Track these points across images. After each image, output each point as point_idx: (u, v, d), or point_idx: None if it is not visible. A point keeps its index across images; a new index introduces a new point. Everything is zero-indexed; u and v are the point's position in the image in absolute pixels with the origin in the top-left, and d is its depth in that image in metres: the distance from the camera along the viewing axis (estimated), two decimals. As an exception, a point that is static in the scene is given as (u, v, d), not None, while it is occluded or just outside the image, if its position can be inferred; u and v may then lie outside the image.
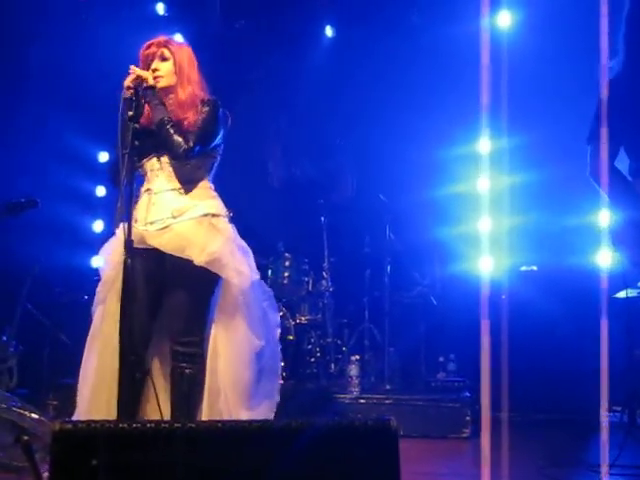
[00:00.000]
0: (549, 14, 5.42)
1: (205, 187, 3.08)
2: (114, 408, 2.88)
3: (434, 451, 4.20)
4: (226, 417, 2.86)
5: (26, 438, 2.19)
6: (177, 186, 3.01)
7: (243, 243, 3.08)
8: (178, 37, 5.99)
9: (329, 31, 6.58)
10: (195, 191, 3.03)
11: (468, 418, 4.48)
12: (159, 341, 3.06)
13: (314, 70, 6.31)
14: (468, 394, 4.70)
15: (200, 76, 3.12)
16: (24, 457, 2.21)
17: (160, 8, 6.44)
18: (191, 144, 2.92)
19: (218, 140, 3.09)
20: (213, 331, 2.99)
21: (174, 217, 2.96)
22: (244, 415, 2.89)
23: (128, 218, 2.75)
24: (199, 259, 2.89)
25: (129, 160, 2.71)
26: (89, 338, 3.01)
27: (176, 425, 1.96)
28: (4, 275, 5.33)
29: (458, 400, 4.60)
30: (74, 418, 2.92)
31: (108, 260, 3.02)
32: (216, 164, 3.14)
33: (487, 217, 5.45)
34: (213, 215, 3.01)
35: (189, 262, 2.90)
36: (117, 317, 2.93)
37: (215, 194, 3.12)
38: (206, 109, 3.01)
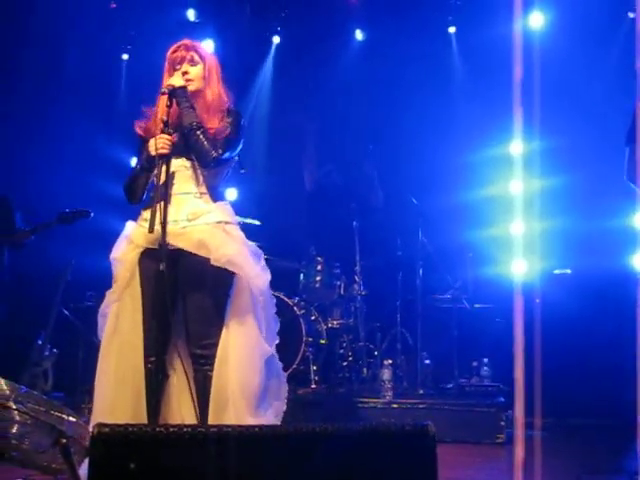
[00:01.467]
0: (581, 14, 5.36)
1: (219, 194, 3.11)
2: (135, 408, 2.90)
3: (468, 457, 4.15)
4: (233, 423, 2.84)
5: (64, 441, 2.22)
6: (194, 190, 3.02)
7: (255, 248, 3.08)
8: (208, 43, 6.05)
9: (359, 34, 6.58)
10: (210, 197, 3.05)
11: (503, 423, 4.42)
12: (174, 343, 3.06)
13: (344, 74, 6.32)
14: (502, 399, 4.65)
15: (224, 84, 3.16)
16: (62, 459, 2.23)
17: (191, 14, 6.48)
18: (220, 152, 2.96)
19: (238, 150, 3.14)
20: (223, 334, 2.97)
21: (189, 220, 2.97)
22: (250, 421, 2.86)
23: (163, 223, 2.77)
24: (217, 258, 2.89)
25: (166, 165, 2.74)
26: (104, 338, 3.00)
27: (212, 429, 1.96)
28: (38, 280, 5.41)
29: (492, 405, 4.55)
30: (92, 417, 2.90)
31: (121, 260, 3.02)
32: (230, 172, 3.17)
33: (520, 220, 5.37)
34: (226, 222, 3.03)
35: (206, 263, 2.90)
36: (133, 317, 2.96)
37: (227, 201, 3.15)
38: (231, 119, 3.05)
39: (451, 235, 5.62)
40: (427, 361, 5.19)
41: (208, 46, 6.02)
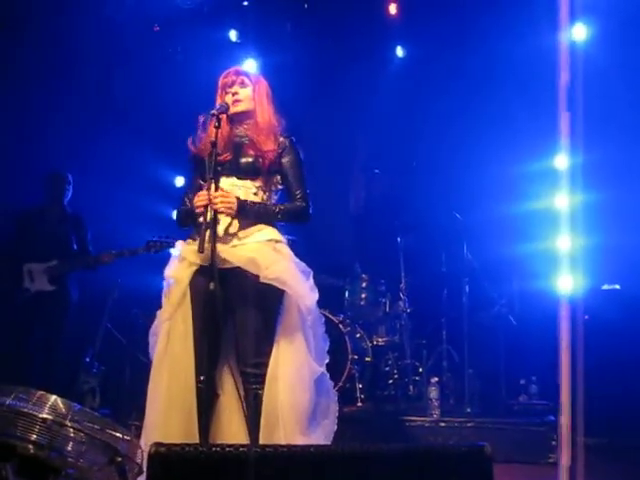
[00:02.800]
0: (625, 26, 5.29)
1: None
2: (186, 427, 2.92)
3: (519, 477, 4.07)
4: (283, 442, 2.83)
5: (120, 459, 2.23)
6: None
7: (304, 266, 3.11)
8: (250, 63, 6.12)
9: (400, 51, 6.59)
10: None
11: (554, 443, 4.32)
12: (224, 361, 3.07)
13: (385, 91, 6.32)
14: (553, 418, 4.55)
15: (276, 109, 3.22)
16: (117, 478, 2.25)
17: (232, 35, 6.56)
18: (304, 203, 3.12)
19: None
20: (273, 353, 2.99)
21: (240, 239, 3.01)
22: (300, 441, 2.86)
23: (212, 244, 2.80)
24: (267, 276, 2.92)
25: (215, 185, 2.79)
26: (156, 357, 3.03)
27: (267, 449, 1.96)
28: (86, 298, 5.48)
29: (543, 424, 4.46)
30: (142, 437, 2.92)
31: (174, 277, 3.05)
32: (279, 192, 3.23)
33: (566, 234, 5.29)
34: (276, 241, 3.07)
35: (256, 281, 2.92)
36: (185, 335, 2.98)
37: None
38: (291, 157, 3.13)
39: (496, 250, 5.56)
40: (473, 379, 5.11)
41: (250, 65, 6.09)
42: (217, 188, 2.89)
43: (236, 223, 3.01)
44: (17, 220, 5.22)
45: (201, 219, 2.89)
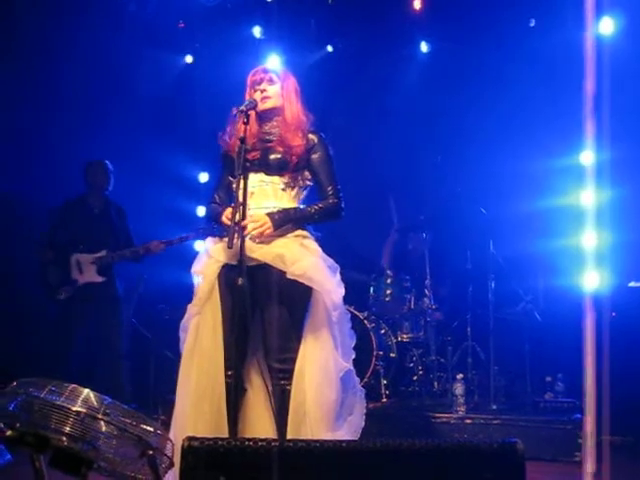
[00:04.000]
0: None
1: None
2: (216, 421, 2.94)
3: (545, 475, 4.04)
4: (310, 437, 2.84)
5: (151, 452, 2.25)
6: (272, 205, 3.07)
7: (332, 262, 3.11)
8: (274, 59, 6.13)
9: (424, 47, 6.56)
10: None
11: (580, 441, 4.29)
12: (252, 357, 3.09)
13: (410, 86, 6.30)
14: (579, 415, 4.52)
15: (305, 107, 3.23)
16: (149, 471, 2.27)
17: (257, 31, 6.57)
18: (336, 199, 3.13)
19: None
20: (300, 348, 3.00)
21: (267, 235, 3.01)
22: (327, 436, 2.88)
23: (241, 239, 2.81)
24: (294, 272, 2.93)
25: (244, 181, 2.80)
26: (185, 351, 3.06)
27: (300, 444, 1.97)
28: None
29: (569, 422, 4.42)
30: (173, 430, 2.98)
31: (201, 273, 3.08)
32: (309, 187, 3.23)
33: (591, 231, 5.24)
34: (304, 237, 3.09)
35: (283, 277, 2.94)
36: (214, 330, 3.01)
37: None
38: (320, 153, 3.14)
39: (522, 246, 5.52)
40: (499, 376, 5.09)
41: (274, 62, 6.10)
42: (246, 185, 2.89)
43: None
44: (60, 211, 5.16)
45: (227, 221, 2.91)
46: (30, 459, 2.33)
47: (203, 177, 6.55)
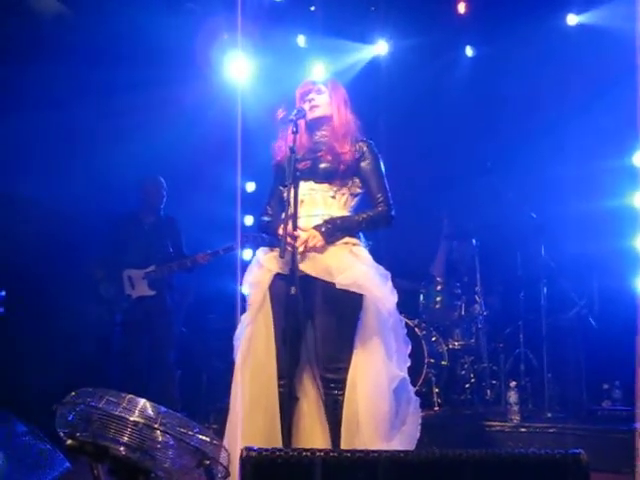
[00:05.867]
0: None
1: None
2: (270, 431, 2.93)
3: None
4: (364, 448, 2.81)
5: (208, 462, 2.26)
6: (322, 212, 3.07)
7: (383, 270, 3.09)
8: (320, 68, 6.14)
9: (469, 51, 6.50)
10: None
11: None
12: (303, 366, 3.08)
13: (456, 91, 6.24)
14: (638, 425, 4.39)
15: (353, 115, 3.24)
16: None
17: (301, 40, 6.59)
18: (386, 207, 3.13)
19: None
20: (353, 358, 2.98)
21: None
22: (382, 446, 2.84)
23: (293, 248, 2.82)
24: (341, 282, 2.92)
25: (294, 190, 2.81)
26: (238, 360, 3.07)
27: (358, 455, 1.95)
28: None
29: (629, 431, 4.30)
30: (225, 441, 2.96)
31: (253, 283, 3.09)
32: (360, 196, 3.23)
33: (645, 233, 5.11)
34: (354, 244, 3.07)
35: (334, 286, 2.93)
36: (267, 340, 3.01)
37: None
38: (369, 161, 3.14)
39: (574, 249, 5.41)
40: (553, 383, 4.99)
41: (319, 70, 6.11)
42: (296, 194, 2.90)
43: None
44: (114, 226, 5.28)
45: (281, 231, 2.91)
46: (89, 468, 2.36)
47: (250, 187, 6.57)
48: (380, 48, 6.52)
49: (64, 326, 5.05)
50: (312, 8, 6.49)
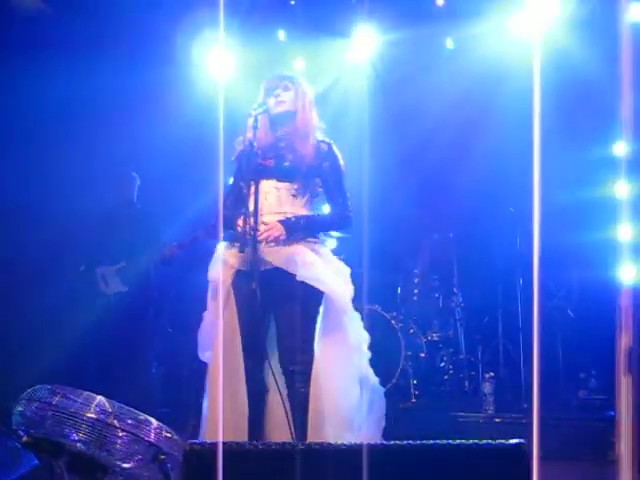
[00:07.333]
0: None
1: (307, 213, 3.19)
2: (239, 427, 2.98)
3: (577, 474, 3.97)
4: (331, 440, 2.84)
5: (163, 457, 2.29)
6: (284, 210, 3.10)
7: (342, 264, 3.16)
8: (299, 62, 6.14)
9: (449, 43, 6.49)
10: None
11: (614, 439, 4.20)
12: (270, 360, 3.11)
13: (436, 80, 6.22)
14: (613, 413, 4.41)
15: (317, 115, 3.27)
16: (161, 475, 2.31)
17: (281, 34, 6.56)
18: (346, 210, 3.19)
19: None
20: (316, 351, 3.03)
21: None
22: (348, 438, 2.88)
23: (253, 245, 2.85)
24: (303, 274, 2.98)
25: (254, 185, 2.84)
26: (210, 356, 3.14)
27: (314, 446, 1.98)
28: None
29: (603, 420, 4.33)
30: (202, 434, 3.04)
31: (216, 280, 3.13)
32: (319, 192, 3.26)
33: (628, 223, 5.12)
34: (315, 242, 3.13)
35: (295, 280, 2.98)
36: (233, 335, 3.06)
37: None
38: (332, 160, 3.19)
39: (553, 240, 5.39)
40: (530, 374, 5.00)
41: (299, 64, 6.11)
42: (257, 190, 2.93)
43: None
44: (88, 224, 5.28)
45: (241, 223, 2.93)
46: (49, 465, 2.39)
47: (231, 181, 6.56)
48: (362, 41, 6.50)
49: (38, 324, 5.07)
50: (292, 2, 6.48)
